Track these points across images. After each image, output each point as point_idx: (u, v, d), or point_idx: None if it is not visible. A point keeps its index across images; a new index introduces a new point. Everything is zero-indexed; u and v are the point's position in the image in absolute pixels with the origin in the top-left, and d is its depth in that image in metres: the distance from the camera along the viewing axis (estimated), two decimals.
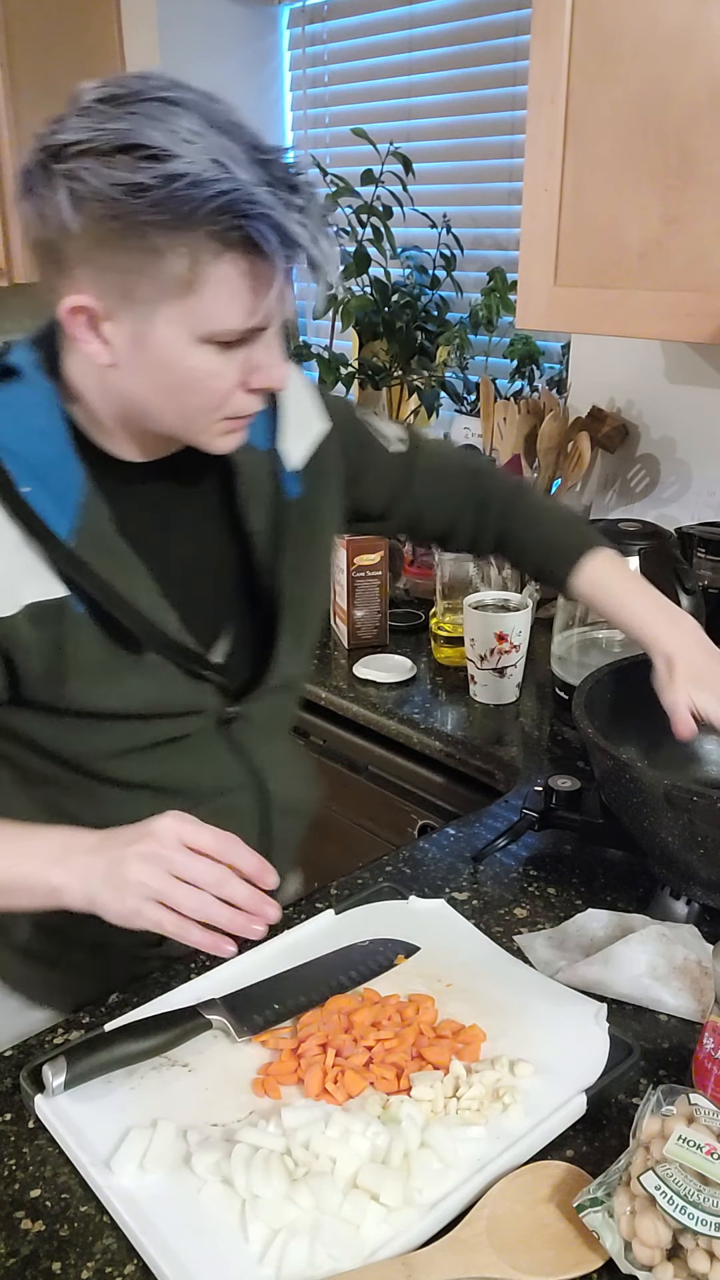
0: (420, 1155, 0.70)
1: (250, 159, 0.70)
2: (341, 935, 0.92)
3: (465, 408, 2.05)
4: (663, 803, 0.88)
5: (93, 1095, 0.76)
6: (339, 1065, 0.77)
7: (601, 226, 1.32)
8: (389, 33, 2.18)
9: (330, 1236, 0.65)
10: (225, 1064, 0.79)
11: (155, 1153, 0.71)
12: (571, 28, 1.28)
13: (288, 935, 0.93)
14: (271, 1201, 0.67)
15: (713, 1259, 0.60)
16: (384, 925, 0.94)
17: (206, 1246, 0.65)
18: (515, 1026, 0.82)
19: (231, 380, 0.77)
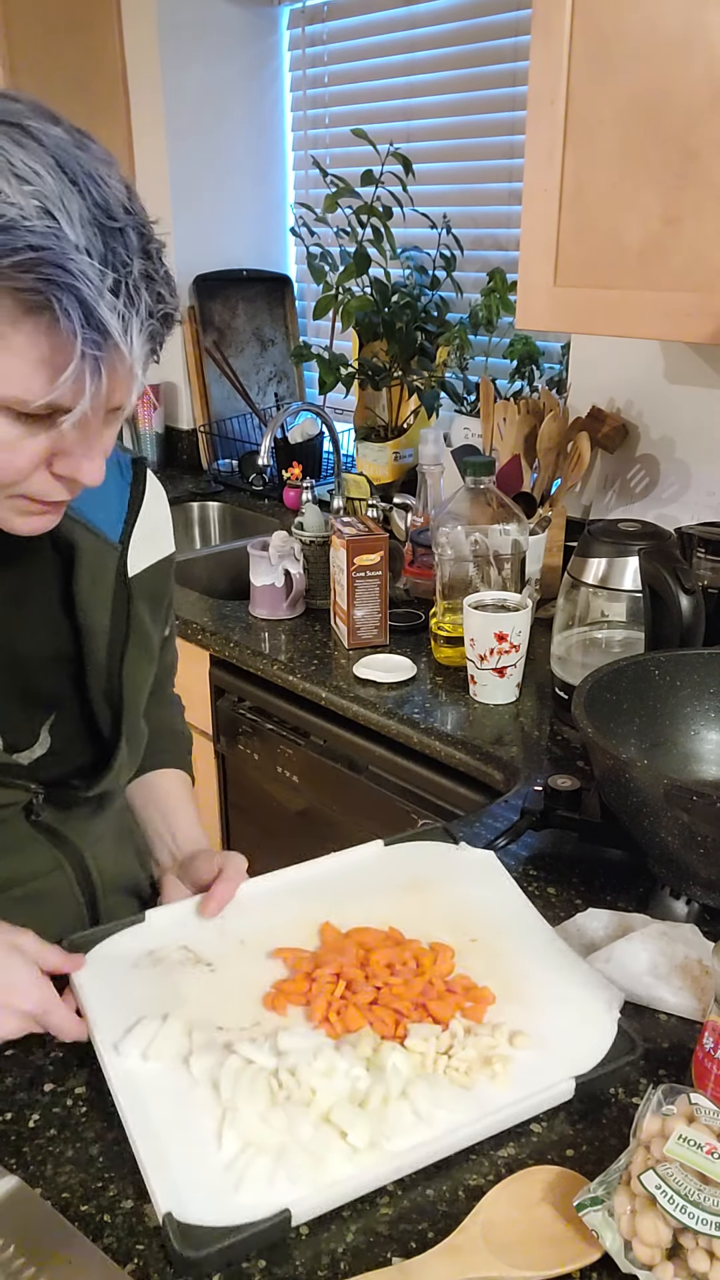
0: (397, 1104, 0.71)
1: (89, 219, 0.61)
2: (386, 866, 0.94)
3: (465, 408, 2.05)
4: (662, 802, 0.88)
5: (117, 978, 0.82)
6: (346, 999, 0.79)
7: (601, 227, 1.32)
8: (389, 33, 2.18)
9: (293, 1162, 0.68)
10: (244, 972, 0.83)
11: (159, 1045, 0.76)
12: (571, 28, 1.28)
13: (333, 859, 0.96)
14: (249, 1116, 0.70)
15: (713, 1258, 0.60)
16: (429, 864, 0.95)
17: (183, 1142, 0.69)
18: (526, 996, 0.82)
19: (28, 456, 0.68)
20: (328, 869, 0.95)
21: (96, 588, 0.86)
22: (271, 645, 1.67)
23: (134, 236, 0.64)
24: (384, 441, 2.19)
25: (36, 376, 0.63)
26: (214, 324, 2.56)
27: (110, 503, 0.87)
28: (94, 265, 0.60)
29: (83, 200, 0.61)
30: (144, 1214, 0.69)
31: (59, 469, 0.70)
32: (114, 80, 2.43)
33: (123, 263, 0.62)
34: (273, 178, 2.59)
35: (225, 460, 2.60)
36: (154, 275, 0.64)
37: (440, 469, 1.88)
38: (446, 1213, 0.69)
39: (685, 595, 1.14)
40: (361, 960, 0.82)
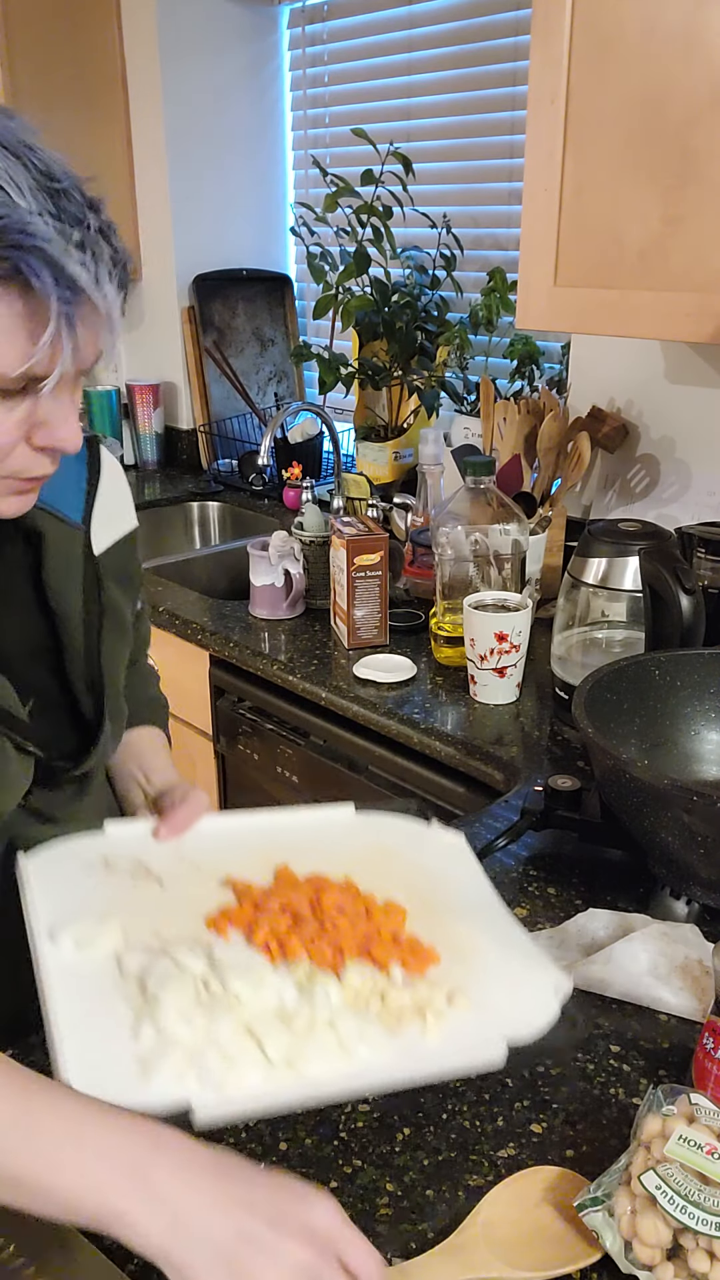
0: (323, 1031, 0.69)
1: (37, 186, 0.62)
2: (354, 829, 0.92)
3: (465, 408, 2.05)
4: (662, 803, 0.88)
5: (65, 874, 0.80)
6: (289, 929, 0.76)
7: (601, 227, 1.32)
8: (389, 33, 2.18)
9: (205, 1065, 0.65)
10: (192, 893, 0.81)
11: (94, 939, 0.73)
12: (571, 28, 1.28)
13: (303, 812, 0.94)
14: (170, 1012, 0.68)
15: (713, 1259, 0.60)
16: (397, 835, 0.92)
17: (100, 1030, 0.67)
18: (472, 965, 0.77)
19: (8, 433, 0.68)
20: (295, 820, 0.93)
21: (67, 573, 0.85)
22: (271, 645, 1.67)
23: (79, 195, 0.65)
24: (384, 441, 2.19)
25: (12, 347, 0.64)
26: (214, 324, 2.56)
27: (69, 485, 0.86)
28: (53, 225, 0.62)
29: (25, 169, 0.62)
30: None
31: (39, 441, 0.70)
32: (114, 80, 2.43)
33: (77, 220, 0.63)
34: (273, 177, 2.59)
35: (225, 460, 2.60)
36: (106, 228, 0.65)
37: (440, 469, 1.87)
38: (446, 1213, 0.69)
39: (685, 595, 1.14)
40: (312, 900, 0.80)
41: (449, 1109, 0.77)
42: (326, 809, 0.94)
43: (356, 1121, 0.76)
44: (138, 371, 2.74)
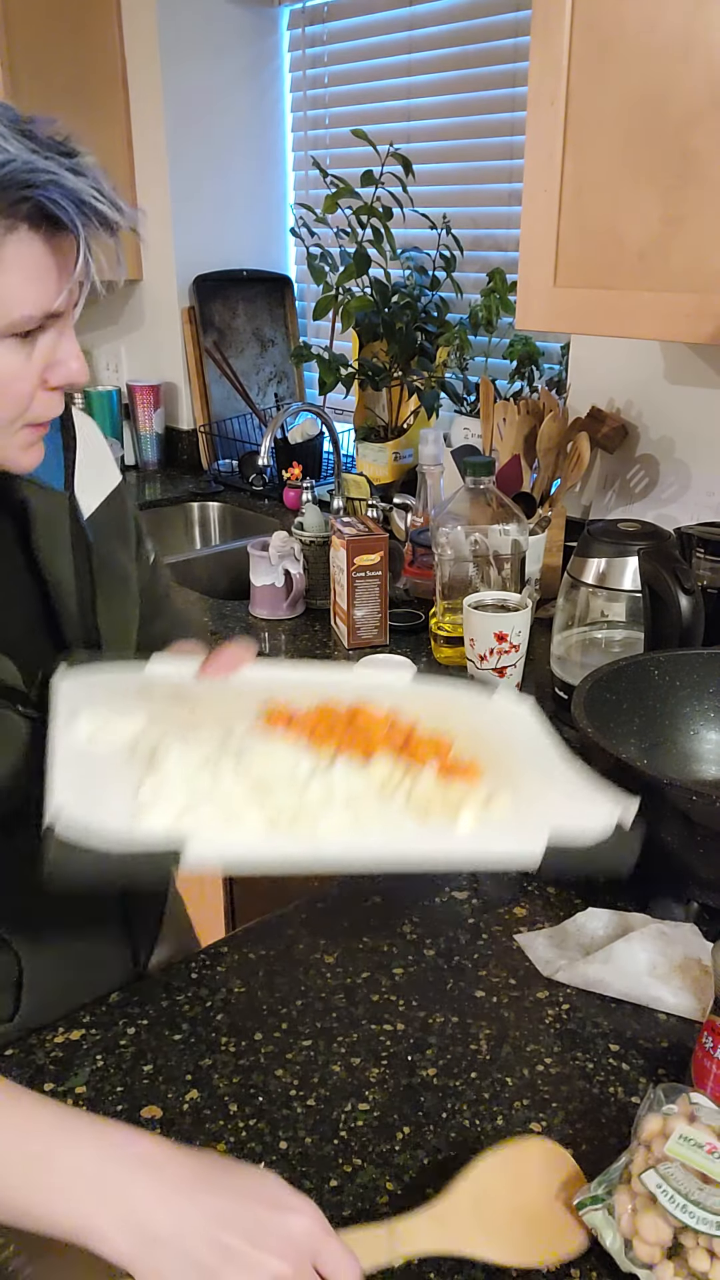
0: (336, 806, 0.64)
1: (14, 131, 0.64)
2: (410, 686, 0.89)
3: (465, 408, 2.05)
4: (662, 802, 0.88)
5: (98, 688, 0.77)
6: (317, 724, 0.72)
7: (601, 227, 1.32)
8: (389, 34, 2.18)
9: (206, 814, 0.61)
10: (227, 711, 0.75)
11: (114, 727, 0.70)
12: (571, 29, 1.28)
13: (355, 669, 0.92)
14: (172, 767, 0.64)
15: (713, 1257, 0.60)
16: (457, 696, 0.87)
17: (103, 787, 0.64)
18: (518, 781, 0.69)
19: (32, 380, 0.70)
20: (345, 675, 0.89)
21: (56, 541, 0.84)
22: (271, 645, 1.67)
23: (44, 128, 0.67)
24: (384, 442, 2.19)
25: (42, 288, 0.66)
26: (214, 324, 2.56)
27: (47, 453, 0.84)
28: (47, 159, 0.64)
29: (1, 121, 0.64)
30: None
31: (55, 380, 0.71)
32: (114, 80, 2.43)
33: (59, 149, 0.66)
34: (273, 178, 2.59)
35: (225, 460, 2.60)
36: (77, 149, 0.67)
37: (440, 469, 1.88)
38: None
39: (685, 595, 1.14)
40: (350, 720, 0.74)
41: (449, 1108, 0.77)
42: (386, 670, 0.88)
43: (356, 1120, 0.76)
44: (138, 372, 2.74)
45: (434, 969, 0.91)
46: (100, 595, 0.86)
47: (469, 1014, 0.86)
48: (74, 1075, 0.79)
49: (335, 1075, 0.80)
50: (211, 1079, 0.79)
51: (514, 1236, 0.65)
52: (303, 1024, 0.85)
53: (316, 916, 0.98)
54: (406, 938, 0.95)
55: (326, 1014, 0.86)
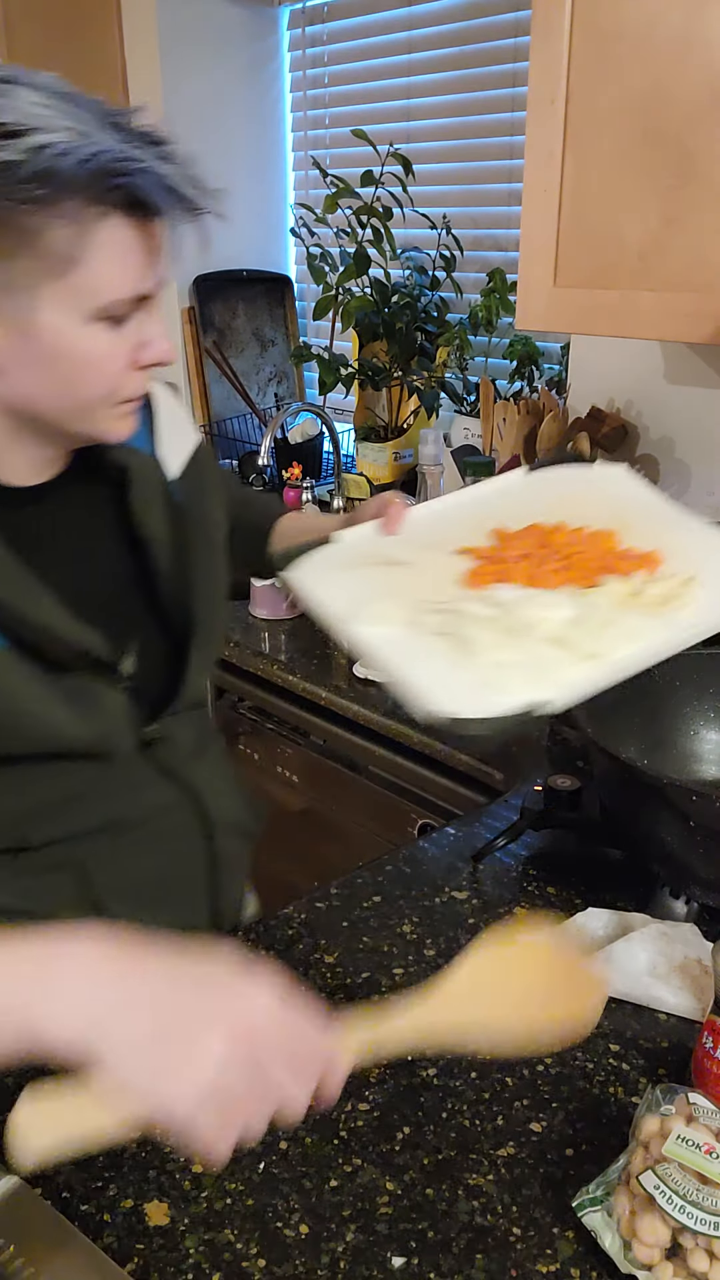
0: (609, 628, 0.80)
1: (103, 122, 0.68)
2: (533, 486, 1.01)
3: (465, 408, 2.05)
4: (662, 802, 0.88)
5: (329, 576, 0.88)
6: (538, 568, 0.87)
7: (601, 227, 1.32)
8: (389, 34, 2.18)
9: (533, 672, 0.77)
10: (439, 565, 0.89)
11: (387, 614, 0.82)
12: (571, 29, 1.28)
13: (482, 485, 1.02)
14: (485, 645, 0.79)
15: (712, 1258, 0.60)
16: (573, 480, 1.02)
17: (434, 671, 0.77)
18: (691, 557, 0.87)
19: (123, 360, 0.74)
20: (482, 492, 1.01)
21: (151, 502, 0.88)
22: (271, 645, 1.67)
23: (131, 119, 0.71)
24: (384, 442, 2.19)
25: (127, 271, 0.70)
26: (214, 324, 2.56)
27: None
28: (141, 148, 0.68)
29: (86, 111, 0.68)
30: (144, 1214, 0.69)
31: (144, 359, 0.75)
32: (114, 80, 2.43)
33: (155, 140, 0.69)
34: (273, 178, 2.59)
35: (225, 460, 2.60)
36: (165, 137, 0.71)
37: (440, 469, 1.88)
38: (446, 1212, 0.69)
39: None
40: (542, 543, 0.90)
41: (449, 1108, 0.77)
42: (502, 477, 1.03)
43: (356, 1120, 0.76)
44: None
45: (434, 969, 0.91)
46: (192, 550, 0.90)
47: None
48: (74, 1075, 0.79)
49: None
50: None
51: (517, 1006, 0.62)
52: None
53: (316, 916, 0.98)
54: (406, 938, 0.95)
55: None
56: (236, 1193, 0.70)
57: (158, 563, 0.88)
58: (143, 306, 0.73)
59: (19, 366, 0.72)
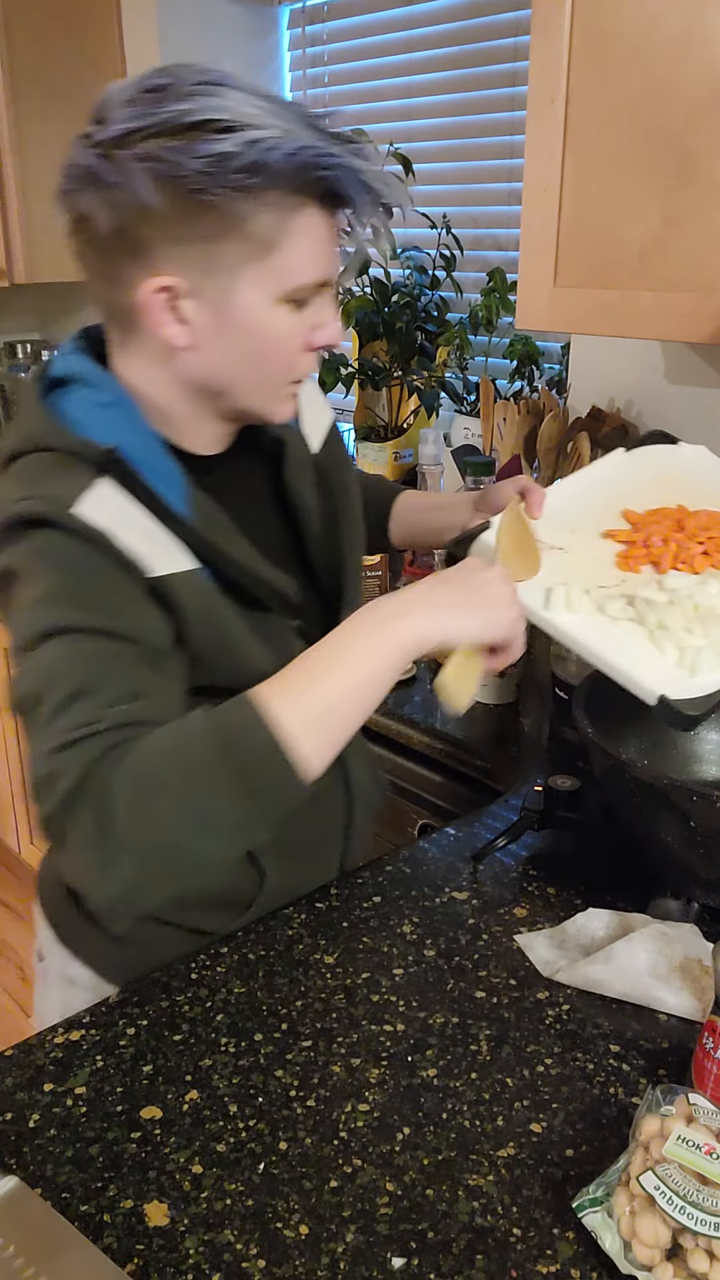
0: None
1: (304, 122, 0.74)
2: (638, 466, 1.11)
3: (465, 408, 2.05)
4: (662, 802, 0.88)
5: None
6: (681, 553, 0.96)
7: (601, 227, 1.32)
8: (389, 33, 2.18)
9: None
10: (590, 549, 0.99)
11: (574, 601, 0.91)
12: (571, 28, 1.28)
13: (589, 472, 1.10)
14: (676, 630, 0.88)
15: (712, 1259, 0.60)
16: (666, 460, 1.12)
17: (629, 659, 0.87)
18: None
19: (301, 340, 0.81)
20: (599, 474, 1.10)
21: (302, 472, 0.96)
22: None
23: (327, 121, 0.77)
24: (384, 441, 2.19)
25: (316, 258, 0.78)
26: None
27: None
28: (338, 145, 0.74)
29: (292, 113, 0.74)
30: (144, 1214, 0.69)
31: (317, 341, 0.82)
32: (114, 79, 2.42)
33: (349, 139, 0.76)
34: None
35: None
36: (360, 139, 0.78)
37: (440, 469, 1.88)
38: (446, 1213, 0.69)
39: None
40: (677, 526, 1.00)
41: (449, 1108, 0.77)
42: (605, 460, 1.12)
43: (356, 1121, 0.76)
44: None
45: (434, 969, 0.91)
46: (339, 515, 0.98)
47: (469, 1015, 0.86)
48: (74, 1076, 0.79)
49: (335, 1076, 0.80)
50: (211, 1079, 0.79)
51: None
52: (302, 1024, 0.85)
53: (316, 917, 0.98)
54: (406, 938, 0.95)
55: (326, 1014, 0.86)
56: (236, 1193, 0.70)
57: (309, 528, 0.96)
58: (322, 292, 0.81)
59: (212, 343, 0.79)
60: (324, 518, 0.97)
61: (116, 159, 0.73)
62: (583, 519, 1.04)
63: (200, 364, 0.81)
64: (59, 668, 0.73)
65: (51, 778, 0.70)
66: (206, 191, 0.72)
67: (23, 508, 0.76)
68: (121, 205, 0.74)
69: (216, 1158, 0.73)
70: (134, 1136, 0.74)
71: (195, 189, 0.72)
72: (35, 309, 3.02)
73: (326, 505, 0.98)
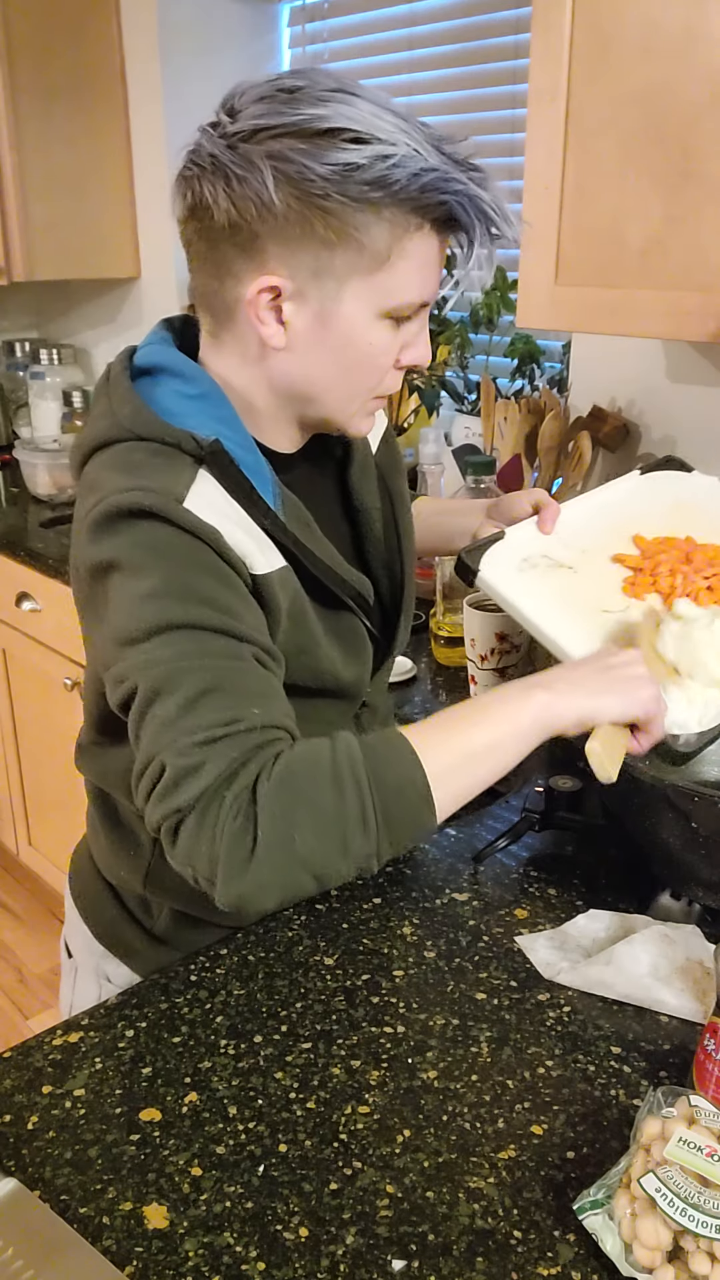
0: None
1: (431, 143, 0.74)
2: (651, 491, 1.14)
3: (466, 407, 2.05)
4: (663, 803, 0.88)
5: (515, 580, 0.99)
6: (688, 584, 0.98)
7: (602, 225, 1.31)
8: (389, 31, 2.17)
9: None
10: (598, 572, 1.01)
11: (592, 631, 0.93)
12: (572, 26, 1.28)
13: (606, 491, 1.13)
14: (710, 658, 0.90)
15: (713, 1261, 0.60)
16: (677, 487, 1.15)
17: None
18: None
19: (392, 357, 0.82)
20: (614, 495, 1.13)
21: (365, 474, 0.97)
22: None
23: (452, 144, 0.77)
24: None
25: (423, 280, 0.79)
26: None
27: None
28: (462, 171, 0.75)
29: (419, 132, 0.74)
30: (143, 1216, 0.68)
31: (406, 359, 0.83)
32: (113, 78, 2.42)
33: (473, 166, 0.76)
34: None
35: None
36: (480, 165, 0.78)
37: (441, 468, 1.87)
38: (446, 1215, 0.68)
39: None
40: (685, 559, 1.02)
41: (449, 1110, 0.77)
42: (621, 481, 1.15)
43: (356, 1123, 0.75)
44: None
45: (434, 971, 0.91)
46: (399, 517, 0.99)
47: (469, 1016, 0.86)
48: (72, 1078, 0.79)
49: (335, 1078, 0.79)
50: (211, 1081, 0.79)
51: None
52: (302, 1026, 0.84)
53: (316, 918, 0.98)
54: (407, 940, 0.95)
55: (326, 1016, 0.86)
56: (236, 1195, 0.70)
57: (371, 529, 0.97)
58: (420, 312, 0.82)
59: (309, 347, 0.79)
60: (384, 520, 0.98)
61: (244, 153, 0.73)
62: (595, 539, 1.05)
63: (292, 367, 0.81)
64: (184, 663, 0.73)
65: (189, 771, 0.70)
66: (329, 199, 0.73)
67: (130, 498, 0.75)
68: (242, 199, 0.74)
69: (216, 1160, 0.73)
70: (133, 1139, 0.74)
71: (318, 195, 0.73)
72: (33, 307, 3.02)
73: (386, 507, 0.99)
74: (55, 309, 2.96)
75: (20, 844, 2.59)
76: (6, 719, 2.47)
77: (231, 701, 0.72)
